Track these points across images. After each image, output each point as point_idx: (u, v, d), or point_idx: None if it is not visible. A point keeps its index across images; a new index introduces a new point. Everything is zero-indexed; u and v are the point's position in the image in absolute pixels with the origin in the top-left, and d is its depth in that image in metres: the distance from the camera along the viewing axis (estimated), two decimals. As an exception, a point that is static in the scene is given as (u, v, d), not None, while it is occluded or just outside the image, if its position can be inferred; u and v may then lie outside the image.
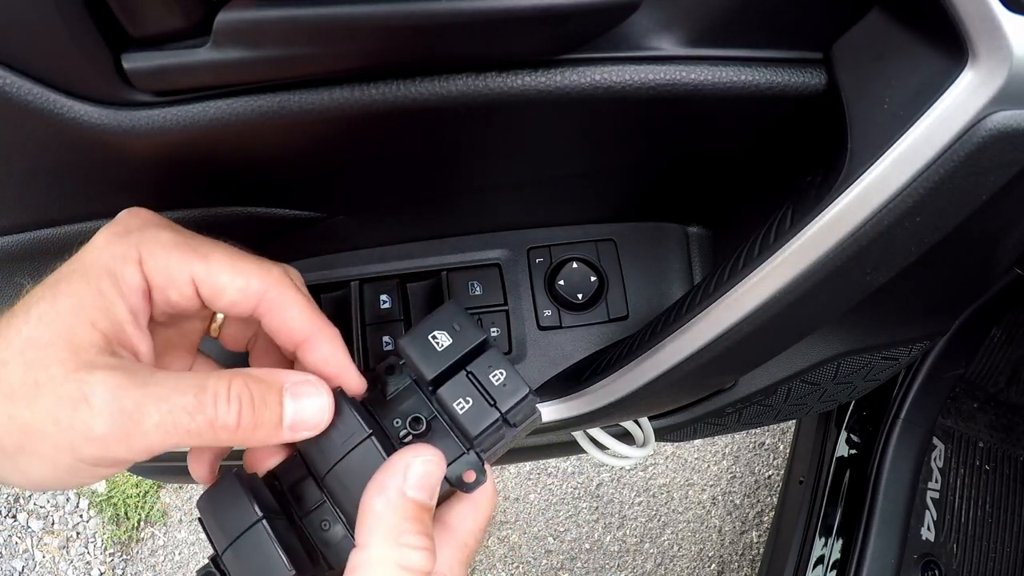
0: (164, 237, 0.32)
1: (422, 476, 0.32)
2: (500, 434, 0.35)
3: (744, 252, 0.37)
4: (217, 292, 0.32)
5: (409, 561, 0.30)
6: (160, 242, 0.31)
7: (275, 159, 0.37)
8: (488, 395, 0.35)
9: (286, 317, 0.34)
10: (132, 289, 0.31)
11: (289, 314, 0.34)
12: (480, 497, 0.36)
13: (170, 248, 0.31)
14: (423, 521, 0.31)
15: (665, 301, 0.56)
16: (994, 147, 0.27)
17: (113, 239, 0.31)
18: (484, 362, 0.35)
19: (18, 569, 1.67)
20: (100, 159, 0.34)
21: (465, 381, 0.35)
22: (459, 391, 0.35)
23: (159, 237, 0.32)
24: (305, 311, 0.34)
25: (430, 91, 0.31)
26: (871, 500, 1.00)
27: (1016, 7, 0.25)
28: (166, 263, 0.31)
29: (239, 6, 0.26)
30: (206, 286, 0.32)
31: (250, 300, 0.33)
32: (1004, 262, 0.52)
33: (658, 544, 1.65)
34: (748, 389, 0.61)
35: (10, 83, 0.28)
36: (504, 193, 0.47)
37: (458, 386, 0.35)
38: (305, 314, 0.34)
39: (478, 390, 0.35)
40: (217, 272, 0.32)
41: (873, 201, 0.30)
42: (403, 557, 0.30)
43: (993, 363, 1.15)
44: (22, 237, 0.41)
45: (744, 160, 0.43)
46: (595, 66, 0.32)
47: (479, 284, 0.54)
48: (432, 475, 0.32)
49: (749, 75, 0.32)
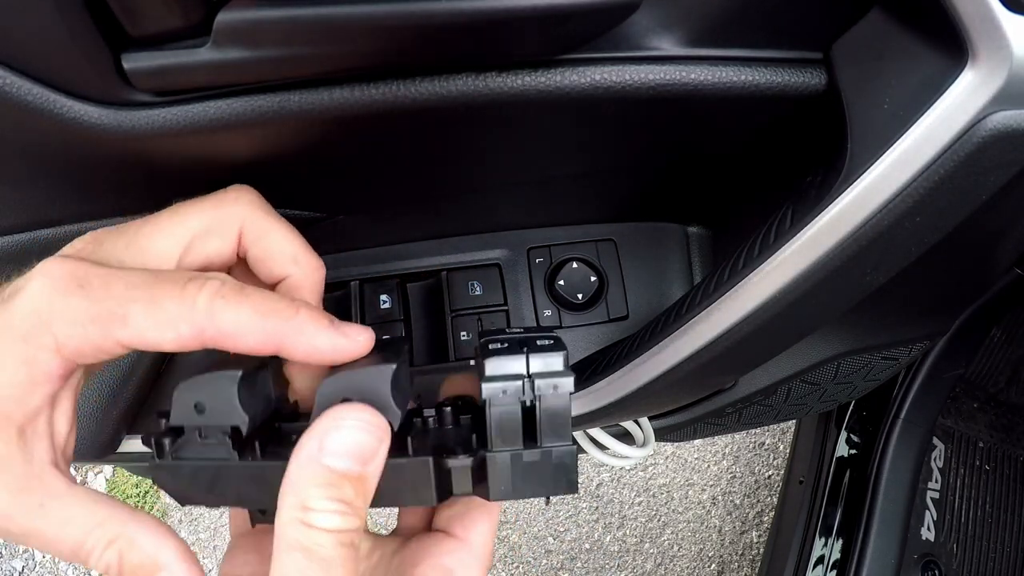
0: (75, 312, 0.30)
1: (344, 443, 0.29)
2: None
3: (744, 252, 0.37)
4: (155, 346, 0.31)
5: (316, 521, 0.28)
6: (72, 320, 0.30)
7: (275, 159, 0.37)
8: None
9: (238, 345, 0.31)
10: (48, 376, 0.30)
11: (240, 341, 0.31)
12: (495, 509, 0.35)
13: (85, 325, 0.30)
14: (337, 487, 0.29)
15: (665, 301, 0.56)
16: (994, 147, 0.27)
17: (27, 318, 0.30)
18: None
19: (18, 569, 1.67)
20: (100, 159, 0.34)
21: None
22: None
23: (70, 312, 0.30)
24: (254, 331, 0.31)
25: (430, 91, 0.31)
26: (871, 500, 1.00)
27: (1016, 7, 0.25)
28: (86, 341, 0.30)
29: (239, 6, 0.26)
30: (140, 345, 0.31)
31: (193, 343, 0.31)
32: (1004, 262, 0.52)
33: (658, 544, 1.65)
34: (748, 389, 0.61)
35: (10, 83, 0.28)
36: (504, 193, 0.47)
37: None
38: (255, 335, 0.31)
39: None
40: (142, 334, 0.30)
41: (873, 201, 0.30)
42: (310, 517, 0.28)
43: (993, 363, 1.15)
44: (22, 237, 0.41)
45: (744, 160, 0.43)
46: (595, 66, 0.32)
47: (479, 284, 0.54)
48: (360, 443, 0.29)
49: (749, 75, 0.32)
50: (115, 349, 0.31)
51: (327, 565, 0.28)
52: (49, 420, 0.31)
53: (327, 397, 0.31)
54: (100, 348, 0.30)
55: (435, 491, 0.31)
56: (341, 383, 0.31)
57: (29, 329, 0.30)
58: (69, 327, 0.30)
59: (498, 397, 0.31)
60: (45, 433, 0.31)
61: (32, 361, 0.30)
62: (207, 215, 0.33)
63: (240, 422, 0.31)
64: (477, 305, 0.54)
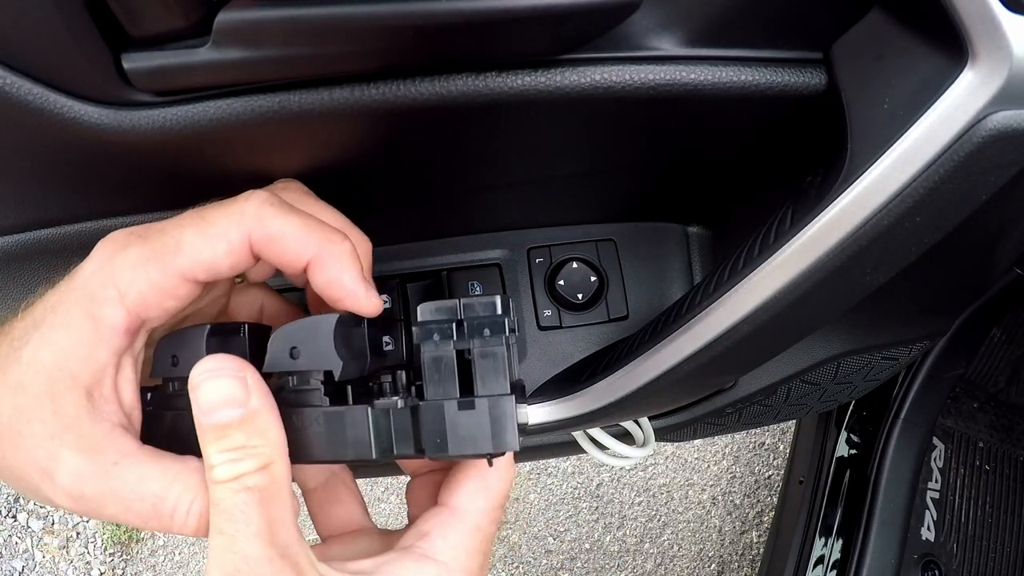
0: (134, 258, 0.30)
1: (207, 397, 0.29)
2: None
3: (744, 252, 0.37)
4: (212, 270, 0.31)
5: (214, 477, 0.28)
6: (132, 265, 0.30)
7: (274, 159, 0.37)
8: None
9: (281, 249, 0.31)
10: (114, 331, 0.30)
11: (283, 245, 0.31)
12: (491, 472, 0.33)
13: (144, 265, 0.30)
14: (223, 436, 0.29)
15: (665, 301, 0.56)
16: (994, 147, 0.27)
17: (91, 277, 0.30)
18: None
19: (18, 569, 1.67)
20: (100, 159, 0.34)
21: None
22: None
23: (129, 260, 0.30)
24: (299, 234, 0.31)
25: (430, 91, 0.31)
26: (871, 500, 1.00)
27: (1016, 7, 0.25)
28: (149, 284, 0.30)
29: (239, 6, 0.26)
30: (199, 273, 0.31)
31: (244, 255, 0.31)
32: (1004, 262, 0.52)
33: (658, 544, 1.65)
34: (748, 389, 0.61)
35: (10, 83, 0.28)
36: (504, 193, 0.47)
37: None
38: (299, 238, 0.31)
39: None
40: (197, 254, 0.30)
41: (873, 201, 0.30)
42: (209, 476, 0.28)
43: (993, 363, 1.15)
44: (22, 237, 0.41)
45: (744, 160, 0.43)
46: (595, 66, 0.32)
47: (479, 284, 0.54)
48: (221, 388, 0.29)
49: (749, 75, 0.32)
50: (176, 288, 0.31)
51: (228, 516, 0.28)
52: (115, 385, 0.31)
53: (278, 340, 0.31)
54: (161, 289, 0.30)
55: (373, 442, 0.30)
56: (291, 329, 0.31)
57: (93, 286, 0.30)
58: (130, 272, 0.30)
59: (429, 341, 0.31)
60: (112, 397, 0.31)
61: (96, 316, 0.30)
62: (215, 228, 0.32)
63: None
64: None
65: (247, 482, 0.28)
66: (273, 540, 0.28)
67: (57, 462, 0.29)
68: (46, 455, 0.29)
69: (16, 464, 0.29)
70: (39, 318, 0.30)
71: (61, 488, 0.29)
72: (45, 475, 0.29)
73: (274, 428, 0.29)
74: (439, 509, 0.33)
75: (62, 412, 0.29)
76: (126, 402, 0.31)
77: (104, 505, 0.29)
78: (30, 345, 0.30)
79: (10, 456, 0.29)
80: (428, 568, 0.31)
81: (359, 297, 0.32)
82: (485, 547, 0.33)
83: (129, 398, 0.32)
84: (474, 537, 0.32)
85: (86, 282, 0.30)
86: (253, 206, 0.31)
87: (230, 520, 0.28)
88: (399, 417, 0.31)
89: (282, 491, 0.29)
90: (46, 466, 0.29)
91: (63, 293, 0.31)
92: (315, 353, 0.31)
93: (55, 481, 0.29)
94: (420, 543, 0.32)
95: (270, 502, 0.28)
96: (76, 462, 0.29)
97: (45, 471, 0.29)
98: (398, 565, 0.31)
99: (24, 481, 0.30)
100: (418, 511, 0.36)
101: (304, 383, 0.31)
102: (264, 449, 0.29)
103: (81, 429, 0.29)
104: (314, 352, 0.31)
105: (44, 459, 0.29)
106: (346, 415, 0.31)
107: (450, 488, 0.34)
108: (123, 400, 0.31)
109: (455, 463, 0.34)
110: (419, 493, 0.38)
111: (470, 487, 0.33)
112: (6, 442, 0.29)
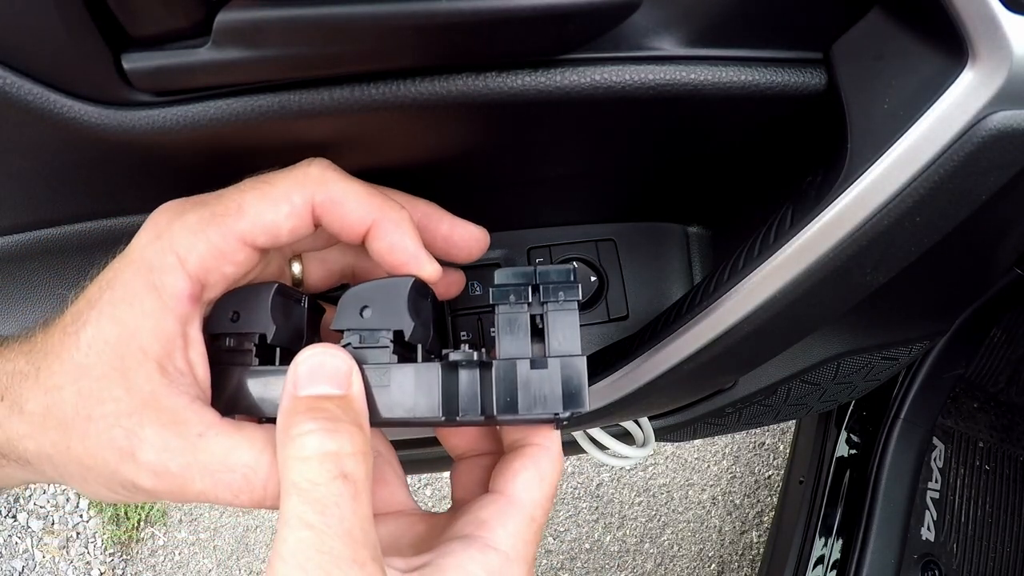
0: (192, 222, 0.30)
1: (311, 370, 0.28)
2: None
3: (744, 252, 0.37)
4: (273, 233, 0.30)
5: (302, 449, 0.26)
6: (191, 230, 0.30)
7: (275, 159, 0.37)
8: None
9: (343, 213, 0.31)
10: (178, 299, 0.29)
11: (345, 208, 0.31)
12: (545, 462, 0.33)
13: (204, 228, 0.29)
14: (319, 408, 0.27)
15: (665, 301, 0.56)
16: (994, 147, 0.27)
17: (147, 247, 0.30)
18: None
19: (18, 569, 1.67)
20: (100, 159, 0.34)
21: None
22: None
23: (187, 224, 0.30)
24: (361, 199, 0.31)
25: (430, 91, 0.31)
26: (871, 500, 1.00)
27: (1016, 7, 0.25)
28: (208, 247, 0.29)
29: (239, 6, 0.26)
30: (259, 236, 0.30)
31: (305, 216, 0.31)
32: (1004, 262, 0.52)
33: (658, 544, 1.65)
34: (748, 389, 0.61)
35: (10, 83, 0.28)
36: (504, 193, 0.47)
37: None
38: (362, 202, 0.31)
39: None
40: (259, 216, 0.30)
41: (873, 201, 0.30)
42: (296, 448, 0.26)
43: (993, 363, 1.15)
44: (22, 237, 0.41)
45: (744, 160, 0.43)
46: (595, 66, 0.32)
47: (479, 284, 0.54)
48: (326, 364, 0.28)
49: (749, 75, 0.32)
50: (236, 253, 0.30)
51: (321, 507, 0.25)
52: (186, 357, 0.30)
53: (349, 299, 0.31)
54: (221, 253, 0.30)
55: (441, 402, 0.29)
56: (363, 288, 0.32)
57: (150, 256, 0.29)
58: (189, 237, 0.29)
59: (504, 303, 0.31)
60: (185, 369, 0.30)
61: (160, 286, 0.29)
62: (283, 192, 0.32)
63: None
64: (477, 305, 0.54)
65: (346, 468, 0.26)
66: (366, 541, 0.25)
67: (139, 439, 0.27)
68: (124, 434, 0.27)
69: (87, 451, 0.28)
70: (93, 297, 0.29)
71: (145, 465, 0.27)
72: (125, 455, 0.27)
73: (367, 423, 0.28)
74: (495, 497, 0.32)
75: (136, 388, 0.28)
76: (199, 373, 0.30)
77: (191, 480, 0.28)
78: (89, 325, 0.28)
79: (78, 444, 0.28)
80: (492, 557, 0.30)
81: (422, 260, 0.33)
82: (538, 538, 0.32)
83: (200, 369, 0.30)
84: (530, 527, 0.32)
85: (142, 253, 0.29)
86: (316, 170, 0.31)
87: (322, 512, 0.25)
88: (468, 376, 0.31)
89: (369, 487, 0.27)
90: (125, 445, 0.27)
91: (117, 269, 0.30)
92: (388, 312, 0.31)
93: (137, 459, 0.27)
94: (481, 532, 0.31)
95: (363, 496, 0.26)
96: (160, 437, 0.28)
97: (125, 451, 0.27)
98: (465, 555, 0.30)
99: (96, 469, 0.28)
100: (463, 494, 0.36)
101: (373, 341, 0.31)
102: (360, 437, 0.27)
103: (160, 403, 0.28)
104: (387, 311, 0.31)
105: (122, 438, 0.27)
106: (417, 371, 0.30)
107: (505, 476, 0.33)
108: (196, 371, 0.30)
109: (509, 448, 0.33)
110: (465, 476, 0.37)
111: (526, 476, 0.32)
112: (74, 431, 0.28)
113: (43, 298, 0.45)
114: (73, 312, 0.29)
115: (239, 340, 0.32)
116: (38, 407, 0.28)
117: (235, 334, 0.32)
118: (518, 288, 0.32)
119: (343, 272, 0.39)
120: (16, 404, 0.29)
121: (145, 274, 0.29)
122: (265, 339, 0.32)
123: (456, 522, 0.32)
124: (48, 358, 0.29)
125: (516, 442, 0.34)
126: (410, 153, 0.39)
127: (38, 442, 0.29)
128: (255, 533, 1.70)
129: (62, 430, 0.28)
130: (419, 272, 0.33)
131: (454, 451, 0.39)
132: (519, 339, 0.31)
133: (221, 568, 1.68)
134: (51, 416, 0.28)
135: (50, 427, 0.28)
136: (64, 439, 0.28)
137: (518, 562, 0.30)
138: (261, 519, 1.71)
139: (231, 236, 0.30)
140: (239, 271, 0.31)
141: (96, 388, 0.28)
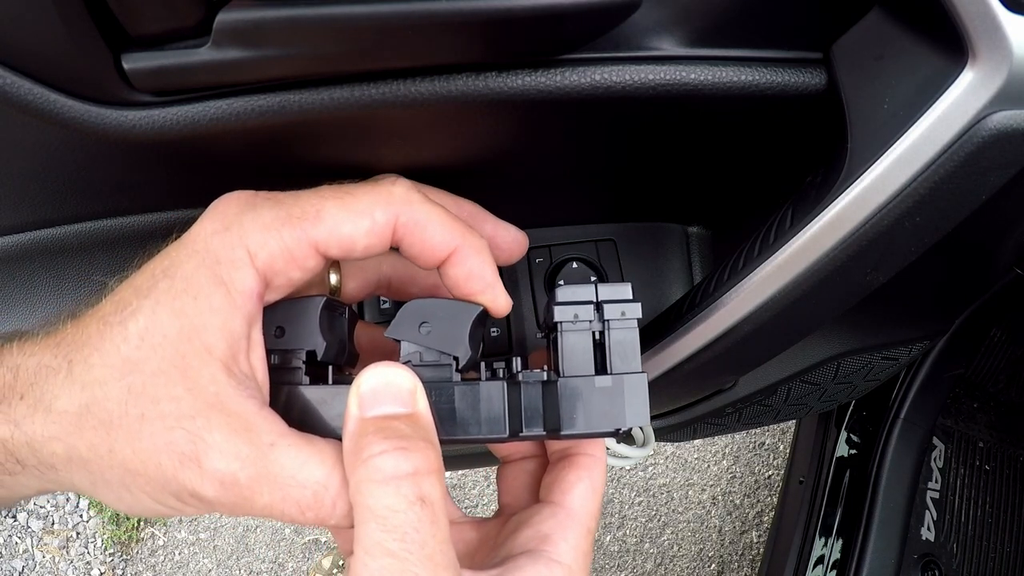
0: (266, 218, 0.28)
1: (375, 389, 0.27)
2: None
3: (744, 252, 0.37)
4: (348, 246, 0.29)
5: (377, 472, 0.25)
6: (265, 226, 0.28)
7: (275, 159, 0.37)
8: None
9: (426, 237, 0.30)
10: (247, 296, 0.27)
11: (428, 232, 0.30)
12: (596, 473, 0.33)
13: (279, 227, 0.28)
14: (388, 428, 0.26)
15: (665, 301, 0.56)
16: (994, 147, 0.27)
17: (213, 237, 0.27)
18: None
19: (18, 569, 1.67)
20: (100, 159, 0.34)
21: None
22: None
23: (261, 220, 0.28)
24: (445, 223, 0.30)
25: (430, 91, 0.31)
26: (871, 500, 1.00)
27: (1016, 7, 0.25)
28: (280, 247, 0.28)
29: (239, 6, 0.26)
30: (333, 247, 0.29)
31: (384, 234, 0.30)
32: (1004, 262, 0.52)
33: (658, 544, 1.65)
34: (748, 389, 0.61)
35: (10, 83, 0.28)
36: (503, 193, 0.47)
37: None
38: (446, 226, 0.30)
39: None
40: (337, 227, 0.28)
41: (873, 201, 0.30)
42: (370, 471, 0.25)
43: (993, 363, 1.15)
44: (22, 237, 0.41)
45: (744, 160, 0.43)
46: (595, 66, 0.32)
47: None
48: (390, 383, 0.27)
49: (749, 75, 0.32)
50: (306, 259, 0.29)
51: (400, 535, 0.24)
52: (249, 360, 0.28)
53: (410, 311, 0.31)
54: (292, 257, 0.28)
55: (506, 419, 0.30)
56: (427, 304, 0.31)
57: (216, 248, 0.27)
58: (263, 233, 0.27)
59: (569, 322, 0.32)
60: (250, 374, 0.28)
61: (228, 281, 0.27)
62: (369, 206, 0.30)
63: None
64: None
65: (424, 491, 0.25)
66: (447, 563, 0.25)
67: (205, 444, 0.25)
68: (187, 437, 0.25)
69: (137, 454, 0.25)
70: (144, 286, 0.27)
71: (212, 473, 0.25)
72: (188, 460, 0.25)
73: (437, 439, 0.27)
74: (555, 509, 0.32)
75: (200, 388, 0.25)
76: (260, 379, 0.28)
77: (259, 493, 0.26)
78: (140, 315, 0.26)
79: (125, 447, 0.25)
80: (556, 572, 0.30)
81: (497, 292, 0.32)
82: (592, 548, 0.32)
83: (261, 374, 0.28)
84: (587, 539, 0.32)
85: (207, 243, 0.27)
86: (401, 190, 0.30)
87: (403, 539, 0.24)
88: (530, 393, 0.31)
89: (445, 507, 0.26)
90: (188, 449, 0.25)
91: (175, 257, 0.27)
92: (447, 335, 0.31)
93: (203, 466, 0.25)
94: (545, 547, 0.31)
95: (441, 519, 0.25)
96: (231, 443, 0.25)
97: (188, 456, 0.25)
98: (532, 570, 0.29)
99: (146, 475, 0.25)
100: (511, 499, 0.36)
101: (431, 359, 0.31)
102: (433, 454, 0.26)
103: (227, 407, 0.26)
104: (446, 333, 0.31)
105: (185, 442, 0.25)
106: (481, 389, 0.30)
107: (561, 488, 0.32)
108: (257, 376, 0.28)
109: (562, 457, 0.34)
110: (512, 481, 0.36)
111: (582, 488, 0.32)
112: (120, 431, 0.25)
113: (43, 298, 0.45)
114: (116, 301, 0.27)
115: (285, 357, 0.31)
116: (71, 405, 0.26)
117: (280, 351, 0.31)
118: (582, 306, 0.32)
119: (379, 283, 0.38)
120: (41, 402, 0.26)
121: (211, 266, 0.27)
122: (315, 356, 0.31)
123: (516, 534, 0.32)
124: (85, 350, 0.26)
125: (564, 451, 0.34)
126: (410, 153, 0.39)
127: (69, 445, 0.26)
128: (255, 533, 1.70)
129: (104, 430, 0.25)
130: (492, 303, 0.32)
131: (499, 452, 0.38)
132: (583, 357, 0.32)
133: (221, 568, 1.68)
134: (90, 415, 0.25)
135: (88, 427, 0.25)
136: (106, 441, 0.25)
137: (579, 574, 0.31)
138: (261, 519, 1.71)
139: (305, 241, 0.28)
140: (304, 278, 0.30)
141: (151, 385, 0.25)
